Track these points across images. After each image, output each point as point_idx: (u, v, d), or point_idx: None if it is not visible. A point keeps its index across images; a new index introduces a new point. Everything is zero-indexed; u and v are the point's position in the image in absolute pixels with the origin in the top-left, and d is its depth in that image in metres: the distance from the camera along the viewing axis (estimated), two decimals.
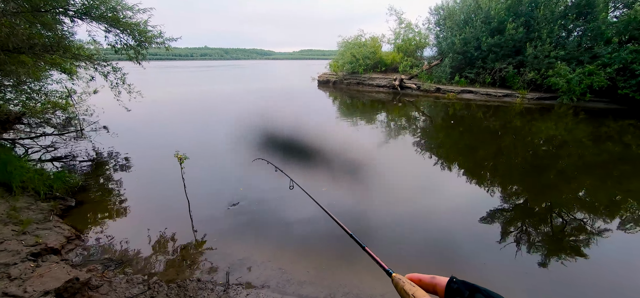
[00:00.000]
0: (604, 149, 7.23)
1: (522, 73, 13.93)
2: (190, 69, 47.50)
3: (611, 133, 8.65)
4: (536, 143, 7.90)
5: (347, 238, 1.06)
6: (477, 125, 9.59)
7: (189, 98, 15.40)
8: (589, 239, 3.67)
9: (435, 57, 17.98)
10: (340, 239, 3.56)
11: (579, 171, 5.98)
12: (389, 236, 3.68)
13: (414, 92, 16.47)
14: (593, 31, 12.60)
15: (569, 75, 12.23)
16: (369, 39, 20.03)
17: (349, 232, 0.73)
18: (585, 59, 12.41)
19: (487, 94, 14.32)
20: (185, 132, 8.48)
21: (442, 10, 17.62)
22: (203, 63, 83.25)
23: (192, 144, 7.31)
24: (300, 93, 18.24)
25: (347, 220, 4.01)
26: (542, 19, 13.37)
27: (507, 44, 14.14)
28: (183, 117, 10.68)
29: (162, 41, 7.37)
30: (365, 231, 3.73)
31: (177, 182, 4.49)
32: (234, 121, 10.01)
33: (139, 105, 7.92)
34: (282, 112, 11.74)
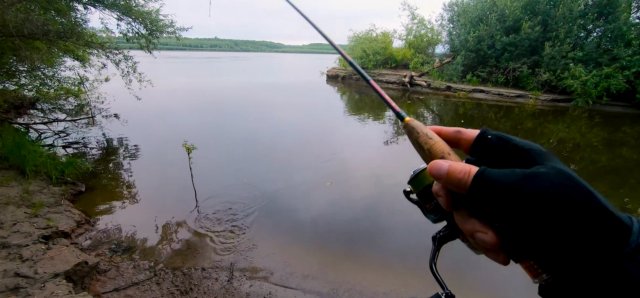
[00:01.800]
0: (619, 154, 7.01)
1: (536, 73, 13.57)
2: (199, 59, 47.87)
3: (627, 138, 8.39)
4: (548, 146, 7.71)
5: (353, 235, 1.03)
6: (488, 126, 9.38)
7: (198, 89, 15.52)
8: None
9: (447, 55, 17.65)
10: (347, 236, 3.56)
11: (592, 176, 5.82)
12: (397, 236, 3.65)
13: (423, 89, 16.23)
14: (613, 32, 12.16)
15: (584, 76, 11.86)
16: (381, 34, 19.80)
17: (349, 59, 0.48)
18: (603, 61, 12.00)
19: (499, 94, 14.02)
20: (194, 123, 8.56)
21: (456, 7, 17.24)
22: (212, 54, 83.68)
23: (201, 134, 7.37)
24: (309, 88, 18.17)
25: (354, 213, 4.00)
26: (560, 18, 12.94)
27: (523, 43, 13.76)
28: (192, 107, 10.77)
29: (173, 31, 7.41)
30: (372, 228, 3.72)
31: (184, 171, 4.54)
32: (242, 114, 10.05)
33: (149, 94, 7.99)
34: (292, 107, 11.73)
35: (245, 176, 4.98)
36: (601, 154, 7.06)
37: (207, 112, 10.11)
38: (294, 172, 5.26)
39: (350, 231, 3.65)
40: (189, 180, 4.42)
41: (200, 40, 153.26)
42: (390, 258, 3.24)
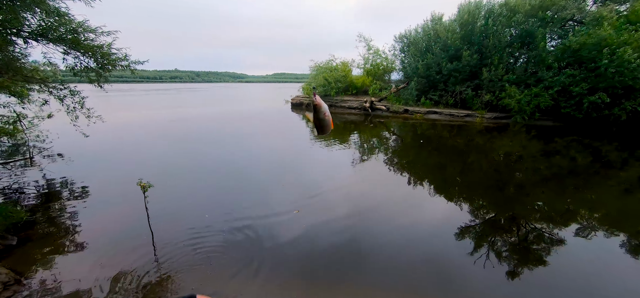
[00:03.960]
0: (555, 163, 7.94)
1: (479, 95, 15.16)
2: (158, 91, 45.77)
3: (558, 148, 9.57)
4: (497, 159, 8.49)
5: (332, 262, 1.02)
6: (443, 144, 10.13)
7: (156, 122, 14.69)
8: (549, 246, 3.93)
9: (402, 81, 19.05)
10: (326, 265, 3.47)
11: (536, 184, 6.48)
12: (371, 252, 3.65)
13: (384, 113, 17.16)
14: (536, 58, 14.19)
15: (518, 96, 13.54)
16: (340, 64, 20.81)
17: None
18: (531, 82, 13.85)
19: (451, 114, 15.32)
20: (149, 159, 8.00)
21: (406, 39, 18.91)
22: (172, 86, 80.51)
23: (160, 170, 6.90)
24: (274, 116, 18.19)
25: (324, 239, 3.94)
26: (492, 47, 14.82)
27: (464, 69, 15.42)
28: (149, 142, 10.11)
29: (127, 64, 7.07)
30: (345, 250, 3.68)
31: (140, 212, 4.16)
32: (205, 146, 9.66)
33: (99, 130, 7.38)
34: (257, 136, 11.56)
35: (208, 211, 4.70)
36: (541, 164, 7.93)
37: (166, 146, 9.54)
38: (262, 202, 5.10)
39: (329, 259, 3.57)
40: (144, 221, 4.05)
41: (159, 72, 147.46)
42: (377, 281, 3.20)
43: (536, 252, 3.84)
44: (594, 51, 12.31)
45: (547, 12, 14.24)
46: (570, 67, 13.22)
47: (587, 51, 12.54)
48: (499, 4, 15.34)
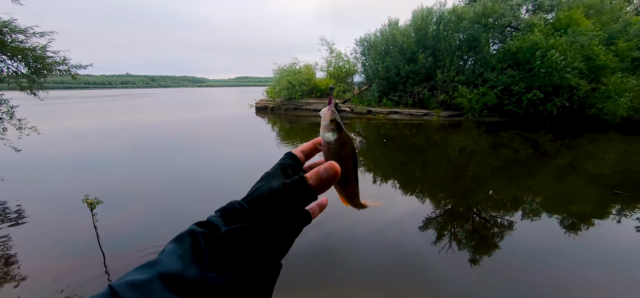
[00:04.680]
0: (502, 155, 8.75)
1: (435, 95, 16.23)
2: (106, 98, 41.79)
3: (505, 141, 10.58)
4: (453, 154, 9.13)
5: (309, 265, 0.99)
6: (405, 142, 10.64)
7: (100, 132, 13.38)
8: (501, 230, 4.30)
9: (364, 83, 19.68)
10: (303, 268, 3.41)
11: (487, 175, 7.08)
12: (343, 251, 3.67)
13: (348, 114, 17.56)
14: (481, 60, 15.59)
15: (469, 95, 14.75)
16: (304, 67, 20.88)
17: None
18: (479, 82, 15.18)
19: (410, 114, 16.17)
20: (97, 173, 7.25)
21: (366, 42, 19.61)
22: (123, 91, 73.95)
23: (107, 185, 6.27)
24: (238, 121, 17.63)
25: (300, 240, 3.88)
26: (444, 50, 15.98)
27: (421, 71, 16.41)
28: (93, 155, 9.16)
29: (66, 69, 6.36)
30: (320, 248, 3.66)
31: (88, 232, 3.74)
32: (163, 155, 9.02)
33: (34, 142, 6.51)
34: (220, 142, 11.09)
35: (168, 225, 4.38)
36: (490, 156, 8.69)
37: (116, 158, 8.71)
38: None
39: (302, 261, 3.52)
40: (94, 241, 3.65)
41: (108, 77, 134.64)
42: (351, 278, 3.22)
43: (491, 236, 4.18)
44: (529, 54, 13.87)
45: (488, 19, 15.74)
46: (510, 68, 14.75)
47: (523, 54, 14.10)
48: (448, 11, 16.61)
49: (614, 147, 9.91)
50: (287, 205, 0.43)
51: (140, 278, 0.32)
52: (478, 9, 15.60)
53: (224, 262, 0.37)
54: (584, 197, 5.67)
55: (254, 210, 0.42)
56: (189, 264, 0.35)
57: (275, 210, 0.43)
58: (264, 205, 0.43)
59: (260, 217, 0.42)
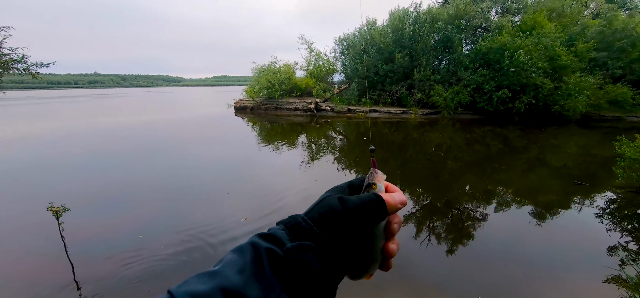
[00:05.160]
0: (476, 151, 9.16)
1: (412, 93, 16.68)
2: (71, 98, 39.15)
3: (478, 138, 11.08)
4: (430, 151, 9.43)
5: None
6: (385, 140, 10.86)
7: (64, 135, 12.54)
8: (476, 222, 4.51)
9: (344, 82, 19.84)
10: None
11: (463, 170, 7.38)
12: None
13: (329, 113, 17.63)
14: (455, 60, 16.23)
15: (444, 94, 15.30)
16: (283, 66, 20.70)
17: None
18: (453, 81, 15.79)
19: (389, 112, 16.51)
20: (63, 180, 6.79)
21: (345, 42, 19.77)
22: (91, 91, 69.52)
23: (73, 192, 5.89)
24: (217, 121, 17.17)
25: None
26: (420, 50, 16.47)
27: (398, 70, 16.80)
28: (57, 160, 8.57)
29: (25, 67, 5.90)
30: None
31: (55, 242, 3.49)
32: (130, 161, 8.60)
33: None
34: (197, 143, 10.74)
35: (142, 231, 4.18)
36: (465, 152, 9.07)
37: (84, 163, 8.20)
38: (206, 214, 4.75)
39: None
40: (61, 252, 3.41)
41: (73, 76, 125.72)
42: None
43: (466, 228, 4.37)
44: (498, 54, 14.61)
45: (461, 20, 16.41)
46: (482, 68, 15.45)
47: (493, 54, 14.83)
48: (423, 12, 17.12)
49: (575, 140, 10.68)
50: (360, 224, 0.42)
51: (201, 289, 0.31)
52: (451, 11, 16.21)
53: (287, 281, 0.35)
54: (549, 188, 6.06)
55: (320, 227, 0.41)
56: (250, 281, 0.34)
57: (346, 228, 0.41)
58: (334, 221, 0.41)
59: (329, 234, 0.40)
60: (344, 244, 0.41)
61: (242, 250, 0.37)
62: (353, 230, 0.42)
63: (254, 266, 0.35)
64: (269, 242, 0.38)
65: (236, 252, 0.37)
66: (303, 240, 0.39)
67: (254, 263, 0.35)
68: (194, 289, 0.31)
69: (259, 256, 0.36)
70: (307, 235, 0.39)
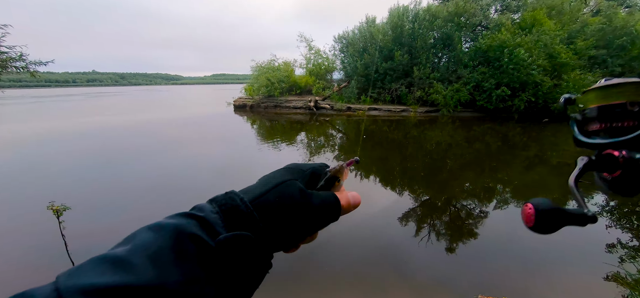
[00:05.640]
0: (476, 149, 9.18)
1: (412, 91, 16.67)
2: (70, 97, 39.03)
3: (477, 135, 11.09)
4: (430, 148, 9.44)
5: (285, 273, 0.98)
6: (384, 138, 10.87)
7: (67, 134, 12.51)
8: (476, 220, 4.52)
9: (343, 80, 19.81)
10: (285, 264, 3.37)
11: (462, 168, 7.39)
12: (324, 244, 3.69)
13: (328, 111, 17.62)
14: (455, 58, 16.21)
15: (443, 92, 15.29)
16: (282, 64, 20.65)
17: None
18: (453, 79, 15.78)
19: (389, 110, 16.51)
20: (63, 179, 6.79)
21: (345, 39, 19.73)
22: (89, 90, 69.33)
23: (80, 189, 5.89)
24: (217, 120, 17.14)
25: None
26: (420, 48, 16.44)
27: (398, 68, 16.78)
28: (57, 159, 8.56)
29: (24, 65, 5.88)
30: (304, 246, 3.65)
31: (56, 242, 3.49)
32: (140, 158, 8.60)
33: None
34: (198, 142, 10.74)
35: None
36: (465, 150, 9.08)
37: (84, 162, 8.19)
38: None
39: (285, 258, 3.49)
40: (62, 251, 3.41)
41: (71, 74, 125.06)
42: (336, 275, 3.23)
43: (467, 226, 4.38)
44: (498, 52, 14.60)
45: (461, 18, 16.37)
46: (481, 65, 15.44)
47: (492, 52, 14.82)
48: (423, 10, 17.08)
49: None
50: (313, 223, 0.39)
51: (99, 283, 0.24)
52: (451, 8, 16.18)
53: (213, 272, 0.30)
54: (548, 186, 6.08)
55: (264, 213, 0.35)
56: (166, 272, 0.27)
57: (298, 222, 0.37)
58: (288, 213, 0.36)
59: (272, 223, 0.35)
60: (282, 233, 0.36)
61: (161, 229, 0.30)
62: (303, 226, 0.38)
63: (174, 253, 0.28)
64: (198, 226, 0.31)
65: (152, 231, 0.30)
66: (240, 229, 0.32)
67: (174, 250, 0.29)
68: (89, 283, 0.24)
69: (182, 243, 0.29)
70: (244, 223, 0.33)
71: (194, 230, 0.30)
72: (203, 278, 0.29)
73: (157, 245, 0.29)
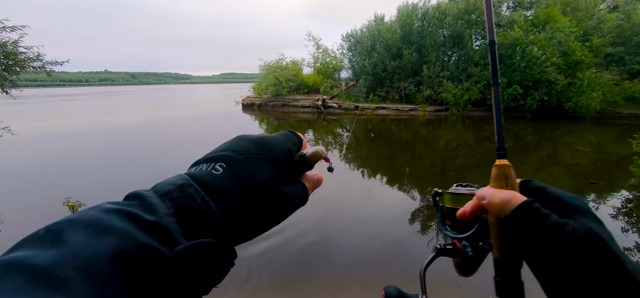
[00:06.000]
0: (486, 148, 9.02)
1: (421, 90, 16.49)
2: (84, 96, 40.06)
3: (488, 135, 10.89)
4: (439, 148, 9.33)
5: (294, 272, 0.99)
6: (392, 137, 10.80)
7: (83, 132, 12.85)
8: None
9: (351, 79, 19.74)
10: (288, 274, 3.40)
11: (472, 167, 7.28)
12: (332, 242, 3.69)
13: (336, 110, 17.59)
14: (465, 56, 15.95)
15: (453, 90, 15.08)
16: (290, 63, 20.71)
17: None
18: (463, 78, 15.54)
19: (397, 109, 16.37)
20: (78, 175, 6.98)
21: (353, 38, 19.64)
22: (102, 89, 71.07)
23: (94, 186, 6.05)
24: (225, 118, 17.33)
25: (294, 234, 3.88)
26: (429, 46, 16.23)
27: (407, 66, 16.61)
28: (73, 156, 8.80)
29: (41, 65, 6.06)
30: (310, 242, 3.67)
31: None
32: (150, 156, 8.77)
33: (7, 144, 6.18)
34: (208, 141, 10.89)
35: None
36: (475, 150, 8.94)
37: (99, 159, 8.40)
38: None
39: (296, 259, 3.52)
40: None
41: (85, 74, 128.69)
42: (344, 270, 3.24)
43: None
44: (510, 49, 14.30)
45: (471, 15, 16.09)
46: None
47: (504, 50, 14.51)
48: (432, 7, 16.86)
49: (589, 138, 10.41)
50: (283, 214, 0.36)
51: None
52: (461, 6, 15.92)
53: (171, 290, 0.24)
54: (561, 187, 5.92)
55: (228, 216, 0.29)
56: (110, 291, 0.20)
57: (264, 220, 0.34)
58: (251, 213, 0.32)
59: (237, 227, 0.31)
60: (248, 231, 0.33)
61: (102, 234, 0.23)
62: (272, 222, 0.35)
63: (119, 267, 0.22)
64: (150, 234, 0.25)
65: (88, 234, 0.22)
66: (201, 234, 0.27)
67: (120, 262, 0.22)
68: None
69: (132, 254, 0.23)
70: (206, 227, 0.28)
71: (146, 240, 0.24)
72: (157, 296, 0.23)
73: (96, 254, 0.21)
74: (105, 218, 0.24)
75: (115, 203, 0.27)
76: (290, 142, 0.41)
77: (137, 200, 0.28)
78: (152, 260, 0.23)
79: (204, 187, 0.30)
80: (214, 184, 0.30)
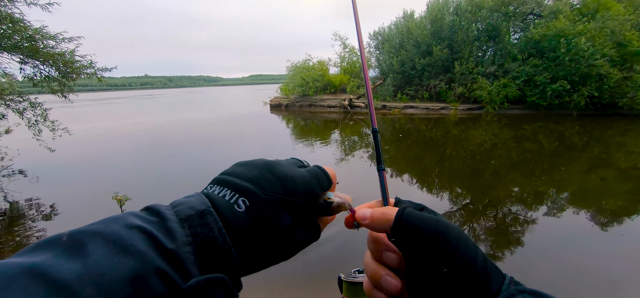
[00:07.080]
0: (525, 149, 8.44)
1: (452, 88, 15.79)
2: (129, 99, 43.57)
3: (527, 134, 10.18)
4: (472, 148, 8.89)
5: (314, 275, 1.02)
6: (422, 137, 10.47)
7: (130, 131, 13.99)
8: (523, 227, 4.18)
9: (378, 77, 19.42)
10: (305, 277, 3.46)
11: (509, 169, 6.85)
12: (355, 247, 3.70)
13: (363, 110, 17.42)
14: (502, 50, 15.00)
15: (489, 88, 14.24)
16: (317, 63, 20.87)
17: None
18: (499, 74, 14.62)
19: (427, 108, 15.83)
20: (129, 170, 7.61)
21: (380, 36, 19.31)
22: (144, 92, 76.89)
23: (139, 181, 6.58)
24: (254, 119, 17.92)
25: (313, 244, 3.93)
26: (461, 41, 15.48)
27: (437, 63, 15.99)
28: (125, 153, 9.62)
29: (93, 72, 6.71)
30: (341, 243, 3.70)
31: None
32: (186, 153, 9.34)
33: (66, 143, 6.93)
34: (239, 140, 11.35)
35: None
36: (512, 150, 8.40)
37: (144, 155, 9.11)
38: None
39: (326, 258, 3.58)
40: None
41: (128, 78, 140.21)
42: None
43: (512, 233, 4.07)
44: (553, 42, 13.20)
45: (509, 7, 15.09)
46: (533, 57, 14.09)
47: (547, 42, 13.44)
48: (465, 0, 16.05)
49: None
50: (290, 256, 0.37)
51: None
52: None
53: None
54: (614, 192, 5.39)
55: (240, 251, 0.31)
56: None
57: (273, 258, 0.35)
58: (262, 250, 0.33)
59: (247, 261, 0.32)
60: (256, 265, 0.34)
61: (124, 253, 0.24)
62: (280, 260, 0.36)
63: (136, 291, 0.22)
64: (168, 262, 0.25)
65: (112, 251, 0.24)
66: (214, 268, 0.28)
67: (136, 285, 0.23)
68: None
69: (148, 279, 0.23)
70: (220, 261, 0.29)
71: (163, 266, 0.25)
72: None
73: (118, 275, 0.22)
74: (128, 237, 0.25)
75: (137, 217, 0.28)
76: (318, 185, 0.41)
77: (158, 218, 0.29)
78: (166, 290, 0.24)
79: (224, 219, 0.31)
80: (234, 222, 0.31)
